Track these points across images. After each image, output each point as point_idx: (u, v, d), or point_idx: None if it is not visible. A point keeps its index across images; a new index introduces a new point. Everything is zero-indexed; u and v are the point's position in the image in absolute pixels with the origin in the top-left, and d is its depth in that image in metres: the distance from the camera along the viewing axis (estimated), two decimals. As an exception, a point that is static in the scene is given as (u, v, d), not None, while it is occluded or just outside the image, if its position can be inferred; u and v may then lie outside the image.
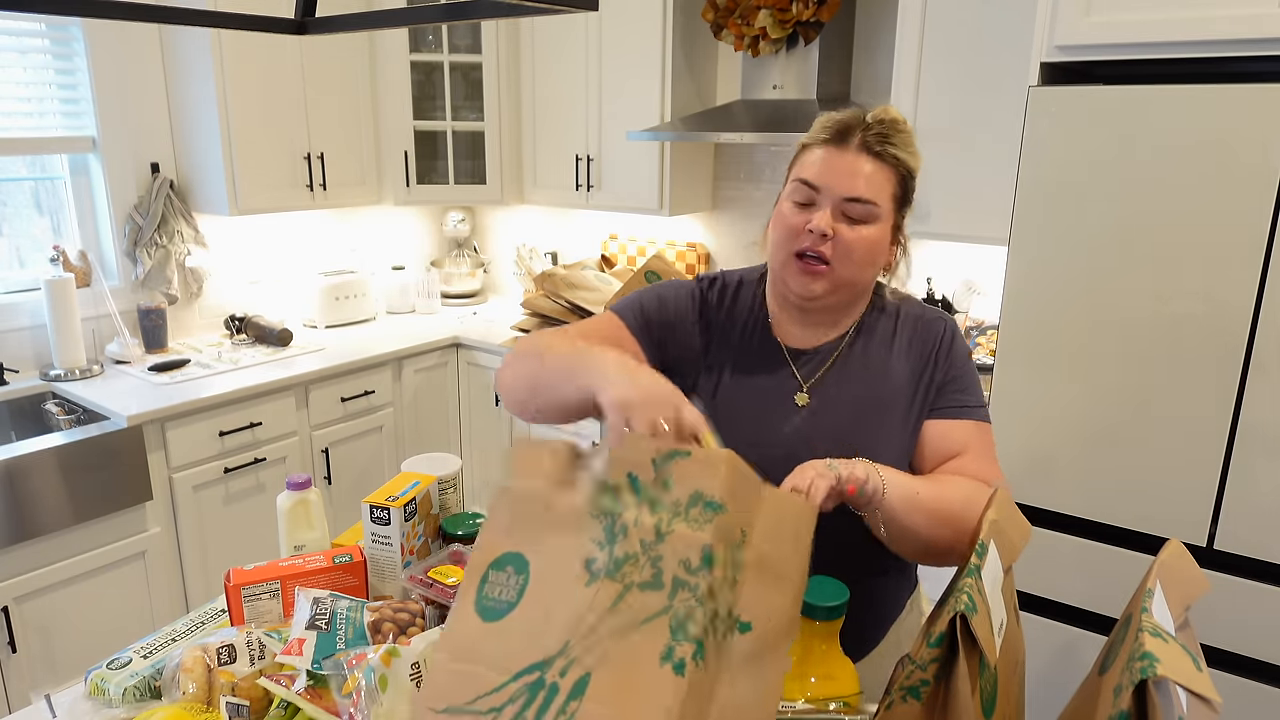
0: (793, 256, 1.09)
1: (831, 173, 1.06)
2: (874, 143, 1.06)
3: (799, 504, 0.78)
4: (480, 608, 0.77)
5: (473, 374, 3.30)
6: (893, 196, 1.08)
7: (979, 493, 1.04)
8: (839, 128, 1.08)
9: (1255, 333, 1.69)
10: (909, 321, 1.17)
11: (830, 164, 1.07)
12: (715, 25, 2.80)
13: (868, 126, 1.07)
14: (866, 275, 1.11)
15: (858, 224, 1.06)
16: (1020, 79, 2.23)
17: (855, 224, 1.06)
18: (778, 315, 1.19)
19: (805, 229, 1.07)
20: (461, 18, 1.07)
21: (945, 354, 1.16)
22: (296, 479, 1.32)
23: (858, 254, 1.07)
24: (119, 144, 2.79)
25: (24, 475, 2.15)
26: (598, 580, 0.73)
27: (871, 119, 1.08)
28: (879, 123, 1.07)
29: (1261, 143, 1.62)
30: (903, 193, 1.10)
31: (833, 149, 1.07)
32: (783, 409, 1.14)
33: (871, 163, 1.06)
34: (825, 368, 1.15)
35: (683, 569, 0.71)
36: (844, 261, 1.07)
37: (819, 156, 1.08)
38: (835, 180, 1.06)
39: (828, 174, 1.06)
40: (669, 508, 0.73)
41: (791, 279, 1.10)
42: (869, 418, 1.12)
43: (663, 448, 0.75)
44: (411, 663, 0.94)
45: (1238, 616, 1.79)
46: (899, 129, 1.08)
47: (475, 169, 3.40)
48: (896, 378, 1.14)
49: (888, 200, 1.07)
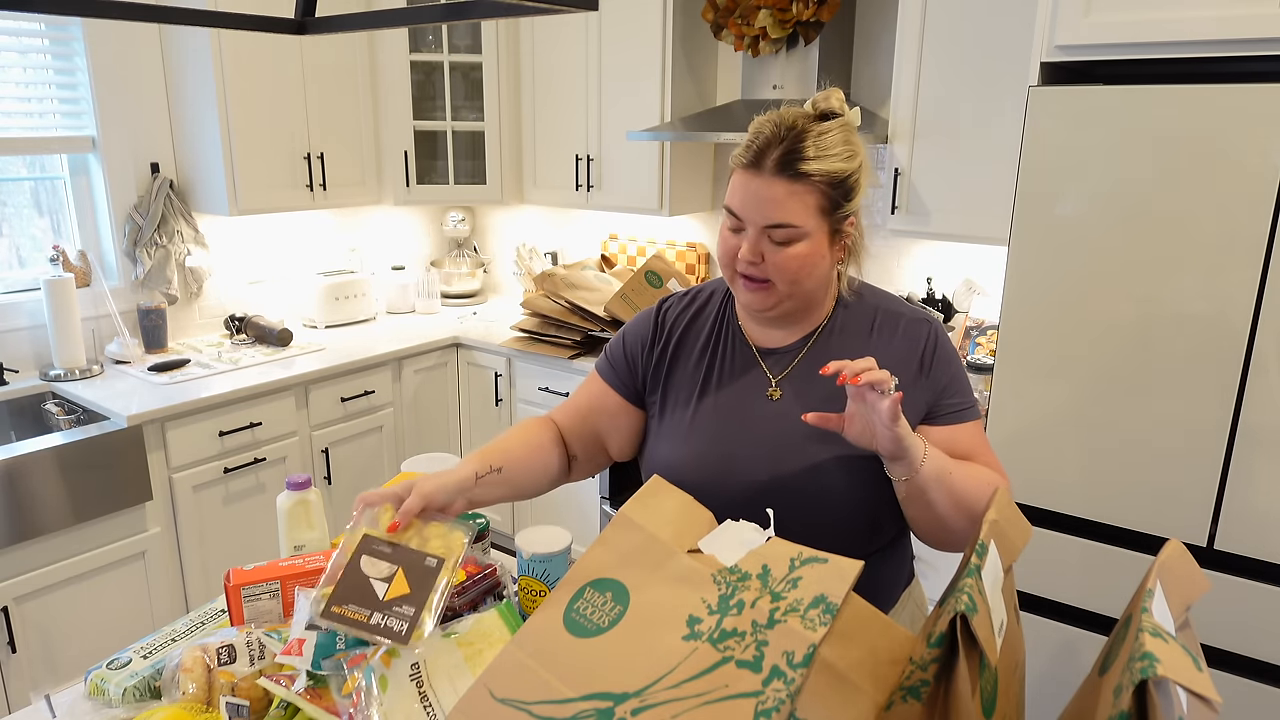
0: (736, 274, 1.12)
1: (749, 201, 1.07)
2: (787, 164, 1.04)
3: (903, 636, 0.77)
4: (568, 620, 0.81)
5: (473, 374, 3.30)
6: (818, 210, 1.07)
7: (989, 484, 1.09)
8: (754, 151, 1.07)
9: (1255, 333, 1.69)
10: (889, 319, 1.18)
11: (748, 192, 1.07)
12: (715, 25, 2.80)
13: (782, 144, 1.05)
14: (808, 285, 1.12)
15: (784, 245, 1.07)
16: (1020, 79, 2.23)
17: (781, 245, 1.07)
18: (746, 320, 1.23)
19: (737, 255, 1.10)
20: (461, 18, 1.07)
21: (934, 358, 1.16)
22: (296, 479, 1.32)
23: (790, 272, 1.09)
24: (119, 144, 2.79)
25: (24, 475, 2.15)
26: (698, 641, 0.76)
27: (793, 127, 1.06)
28: (796, 137, 1.05)
29: (1261, 143, 1.62)
30: (830, 201, 1.07)
31: (750, 175, 1.07)
32: (757, 403, 1.17)
33: (785, 185, 1.05)
34: (795, 361, 1.18)
35: (785, 660, 0.73)
36: (780, 278, 1.09)
37: (739, 183, 1.09)
38: (753, 210, 1.07)
39: (746, 203, 1.08)
40: (791, 603, 0.76)
41: (739, 295, 1.15)
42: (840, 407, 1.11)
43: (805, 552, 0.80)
44: (411, 663, 0.94)
45: (1238, 616, 1.79)
46: (818, 136, 1.06)
47: (475, 169, 3.40)
48: None
49: (810, 217, 1.06)
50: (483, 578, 1.16)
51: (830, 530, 1.12)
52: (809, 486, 1.12)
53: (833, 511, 1.13)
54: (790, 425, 1.14)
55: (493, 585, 1.17)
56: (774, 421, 1.15)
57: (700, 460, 1.17)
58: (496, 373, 3.21)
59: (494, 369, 3.22)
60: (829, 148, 1.06)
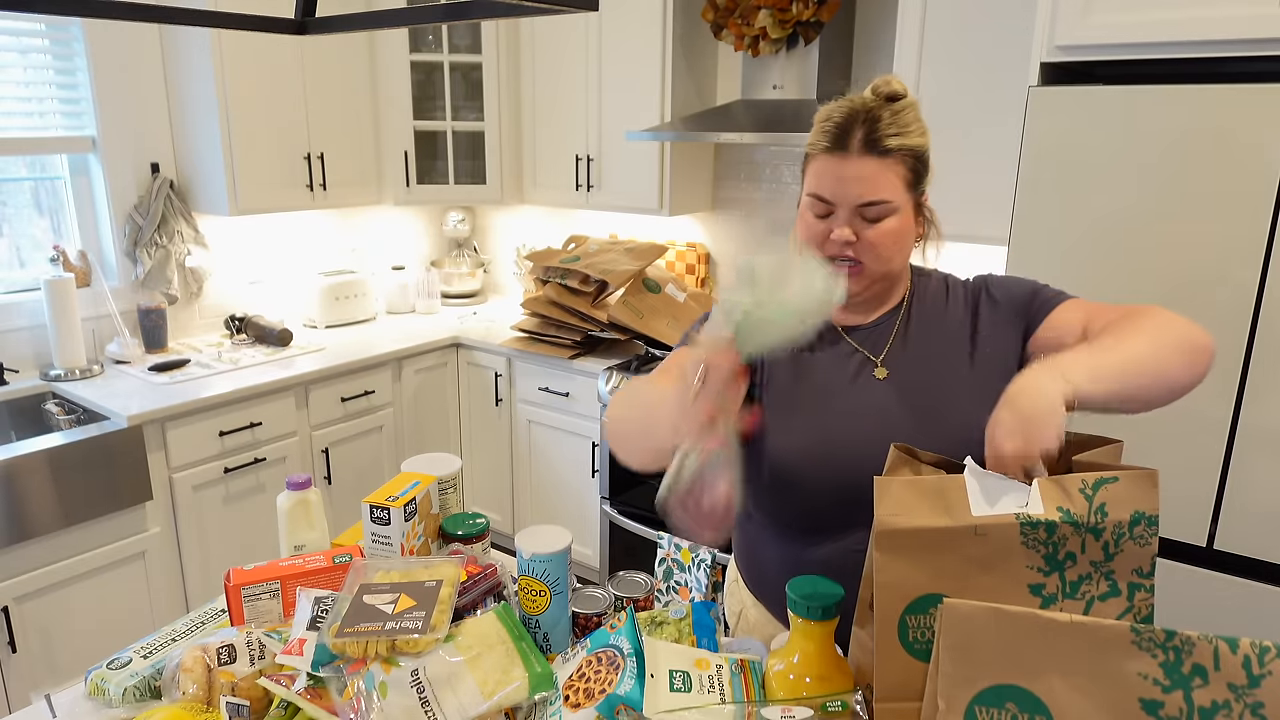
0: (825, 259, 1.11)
1: (839, 184, 1.07)
2: (872, 143, 1.06)
3: None
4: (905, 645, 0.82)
5: (473, 374, 3.30)
6: (906, 185, 1.09)
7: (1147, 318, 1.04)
8: (836, 132, 1.08)
9: (1255, 333, 1.69)
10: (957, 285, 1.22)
11: (836, 174, 1.07)
12: (715, 25, 2.80)
13: (864, 124, 1.07)
14: (899, 262, 1.14)
15: (877, 222, 1.08)
16: (1020, 79, 2.23)
17: (874, 223, 1.08)
18: None
19: (829, 239, 1.09)
20: (461, 18, 1.07)
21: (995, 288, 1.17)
22: (296, 479, 1.32)
23: (884, 249, 1.09)
24: (119, 144, 2.80)
25: (24, 475, 2.15)
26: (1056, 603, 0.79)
27: (866, 109, 1.08)
28: (874, 117, 1.07)
29: (1261, 143, 1.62)
30: (915, 175, 1.10)
31: (835, 157, 1.07)
32: (860, 383, 1.15)
33: (875, 162, 1.06)
34: (891, 338, 1.17)
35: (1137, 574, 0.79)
36: (873, 259, 1.10)
37: (824, 167, 1.09)
38: (844, 190, 1.07)
39: (836, 185, 1.07)
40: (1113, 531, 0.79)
41: None
42: (946, 375, 1.13)
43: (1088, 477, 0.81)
44: (412, 669, 0.94)
45: (1238, 616, 1.79)
46: (896, 113, 1.08)
47: (475, 169, 3.40)
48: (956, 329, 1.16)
49: (900, 192, 1.08)
50: (483, 577, 1.16)
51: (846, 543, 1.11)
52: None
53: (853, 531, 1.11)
54: (899, 402, 1.12)
55: (493, 585, 1.17)
56: (881, 400, 1.13)
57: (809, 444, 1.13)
58: (496, 373, 3.21)
59: (494, 369, 3.22)
60: (908, 124, 1.08)
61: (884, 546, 0.82)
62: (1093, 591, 0.79)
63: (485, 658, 0.97)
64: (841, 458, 1.11)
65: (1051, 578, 0.80)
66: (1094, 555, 0.79)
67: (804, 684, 0.91)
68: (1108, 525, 0.78)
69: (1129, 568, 0.79)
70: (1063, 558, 0.80)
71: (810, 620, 0.90)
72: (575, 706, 0.91)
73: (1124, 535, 0.78)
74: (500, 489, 3.37)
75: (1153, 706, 0.69)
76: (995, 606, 0.73)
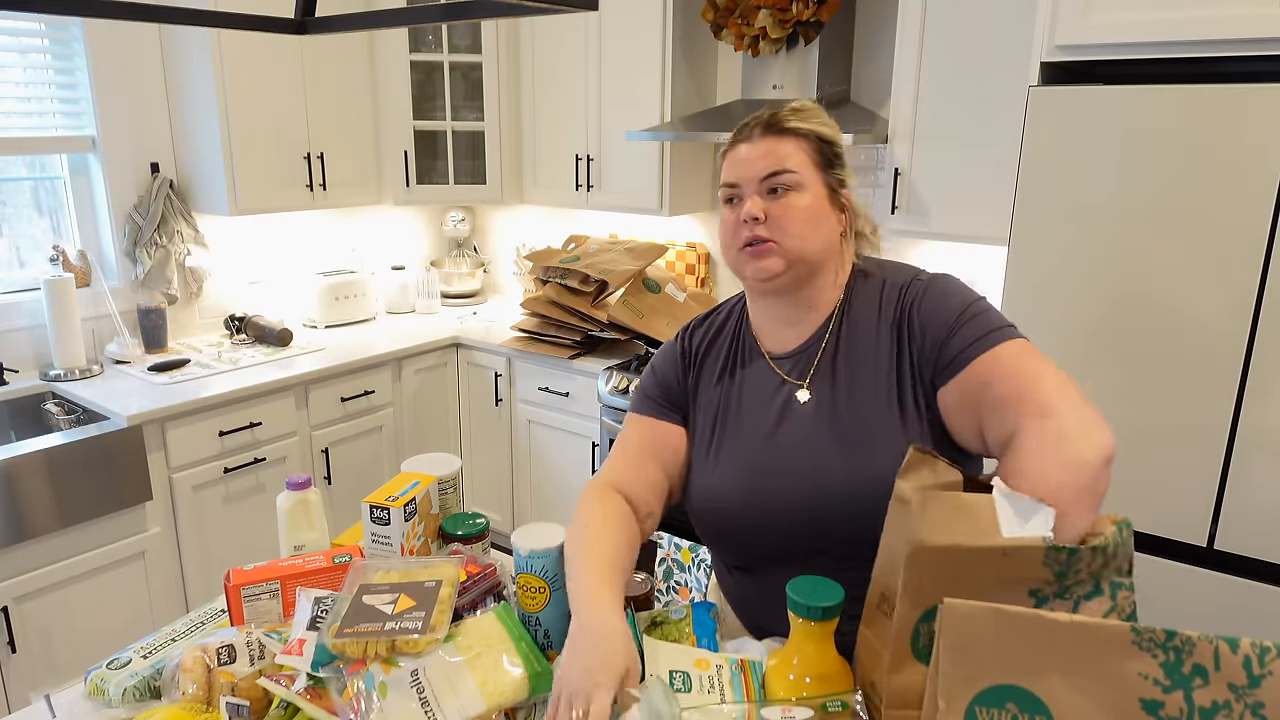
0: (739, 251, 1.12)
1: (743, 164, 1.11)
2: (774, 125, 1.10)
3: None
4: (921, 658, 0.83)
5: (473, 374, 3.30)
6: (811, 163, 1.10)
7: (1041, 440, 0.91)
8: (740, 127, 1.14)
9: (1255, 333, 1.69)
10: (891, 291, 1.13)
11: (740, 158, 1.11)
12: (715, 25, 2.80)
13: (766, 115, 1.12)
14: (814, 243, 1.09)
15: (783, 196, 1.09)
16: (1020, 79, 2.23)
17: (781, 197, 1.09)
18: (760, 326, 1.20)
19: (740, 222, 1.10)
20: (461, 18, 1.07)
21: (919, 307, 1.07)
22: (296, 479, 1.32)
23: (793, 223, 1.08)
24: (119, 144, 2.79)
25: (24, 475, 2.15)
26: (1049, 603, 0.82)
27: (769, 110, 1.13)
28: (774, 110, 1.12)
29: (1261, 143, 1.62)
30: (823, 157, 1.11)
31: (740, 145, 1.12)
32: (787, 412, 1.13)
33: (774, 140, 1.10)
34: (816, 361, 1.14)
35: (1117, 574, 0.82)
36: (783, 234, 1.08)
37: (730, 158, 1.13)
38: (747, 169, 1.10)
39: (740, 167, 1.11)
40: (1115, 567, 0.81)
41: (747, 269, 1.12)
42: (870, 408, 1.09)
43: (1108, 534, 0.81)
44: (412, 670, 0.94)
45: (1238, 616, 1.79)
46: (797, 109, 1.12)
47: (475, 169, 3.40)
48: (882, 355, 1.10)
49: (807, 169, 1.09)
50: (482, 577, 1.16)
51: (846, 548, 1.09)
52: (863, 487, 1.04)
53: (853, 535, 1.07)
54: (824, 427, 1.09)
55: (493, 585, 1.17)
56: (808, 432, 1.10)
57: (737, 485, 1.12)
58: (496, 373, 3.21)
59: (494, 369, 3.22)
60: (809, 115, 1.12)
61: (919, 561, 0.81)
62: (1079, 592, 0.81)
63: (485, 658, 0.97)
64: (772, 491, 1.10)
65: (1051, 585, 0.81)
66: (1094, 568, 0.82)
67: (804, 684, 0.91)
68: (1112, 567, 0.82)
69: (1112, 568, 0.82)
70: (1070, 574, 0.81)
71: (810, 620, 0.90)
72: (575, 706, 0.91)
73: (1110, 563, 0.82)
74: (500, 489, 3.37)
75: (1153, 707, 0.69)
76: (995, 606, 0.73)
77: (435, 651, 0.96)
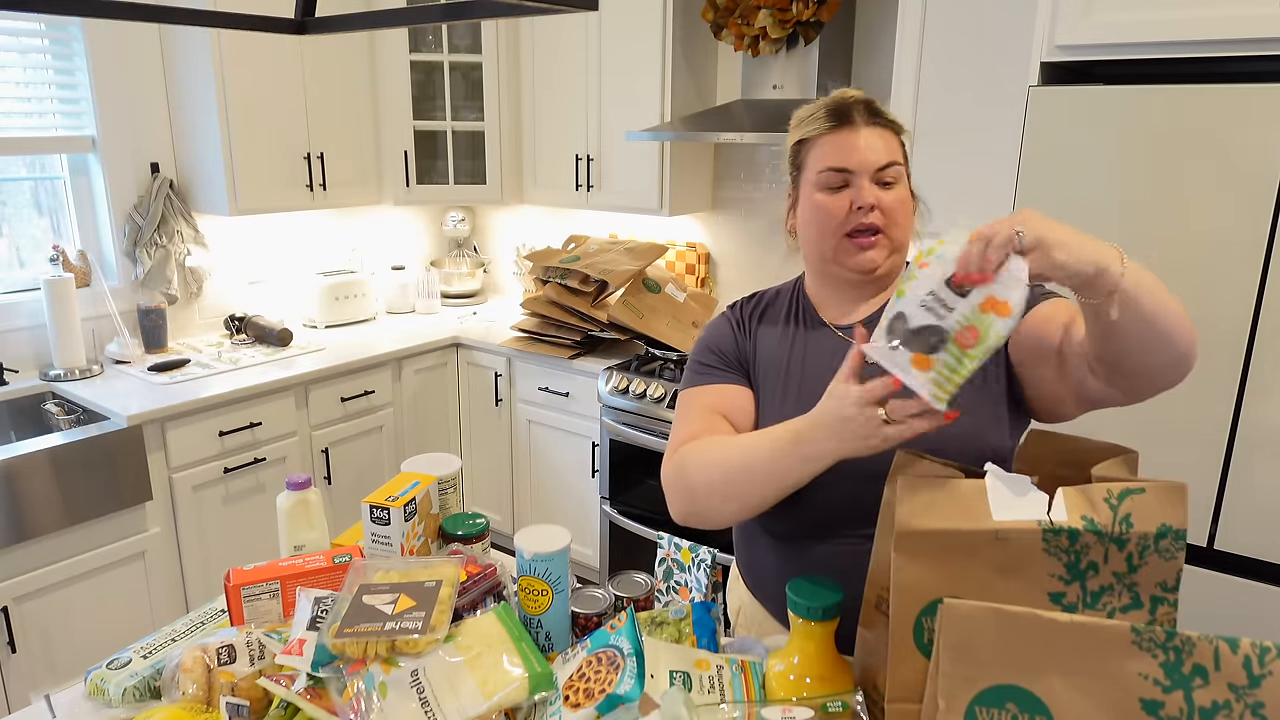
0: (843, 239, 1.12)
1: (855, 151, 1.11)
2: (874, 113, 1.13)
3: None
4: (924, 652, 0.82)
5: (473, 374, 3.30)
6: (903, 155, 1.14)
7: None
8: (836, 111, 1.13)
9: (1255, 333, 1.69)
10: None
11: (850, 144, 1.11)
12: (715, 25, 2.80)
13: (861, 103, 1.13)
14: (908, 234, 1.16)
15: (891, 187, 1.11)
16: (1020, 79, 2.23)
17: (889, 188, 1.11)
18: (821, 298, 1.22)
19: (852, 208, 1.11)
20: (461, 18, 1.07)
21: None
22: (296, 479, 1.32)
23: (901, 214, 1.12)
24: (119, 144, 2.79)
25: (24, 475, 2.15)
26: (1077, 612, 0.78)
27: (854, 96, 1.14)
28: (866, 99, 1.14)
29: (1262, 143, 1.62)
30: (904, 150, 1.16)
31: (843, 132, 1.12)
32: None
33: (879, 131, 1.12)
34: None
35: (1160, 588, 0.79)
36: (892, 225, 1.12)
37: (834, 141, 1.12)
38: (861, 157, 1.10)
39: (852, 153, 1.11)
40: (1138, 543, 0.78)
41: (849, 259, 1.13)
42: None
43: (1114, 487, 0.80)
44: (412, 670, 0.94)
45: (1238, 616, 1.79)
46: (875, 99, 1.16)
47: (475, 169, 3.40)
48: None
49: (903, 159, 1.14)
50: (482, 577, 1.16)
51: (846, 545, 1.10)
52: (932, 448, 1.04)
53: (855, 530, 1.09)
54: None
55: (493, 585, 1.17)
56: None
57: None
58: (496, 373, 3.21)
59: (494, 369, 3.22)
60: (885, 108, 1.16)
61: (903, 548, 0.81)
62: (1114, 603, 0.79)
63: (485, 658, 0.97)
64: None
65: (1072, 586, 0.79)
66: (1116, 566, 0.79)
67: (804, 684, 0.91)
68: (1132, 537, 0.78)
69: (1153, 581, 0.79)
70: (1084, 567, 0.79)
71: (810, 620, 0.90)
72: (575, 706, 0.91)
73: (1149, 548, 0.78)
74: (500, 489, 3.37)
75: (1153, 706, 0.69)
76: (995, 606, 0.73)
77: (435, 652, 0.96)
